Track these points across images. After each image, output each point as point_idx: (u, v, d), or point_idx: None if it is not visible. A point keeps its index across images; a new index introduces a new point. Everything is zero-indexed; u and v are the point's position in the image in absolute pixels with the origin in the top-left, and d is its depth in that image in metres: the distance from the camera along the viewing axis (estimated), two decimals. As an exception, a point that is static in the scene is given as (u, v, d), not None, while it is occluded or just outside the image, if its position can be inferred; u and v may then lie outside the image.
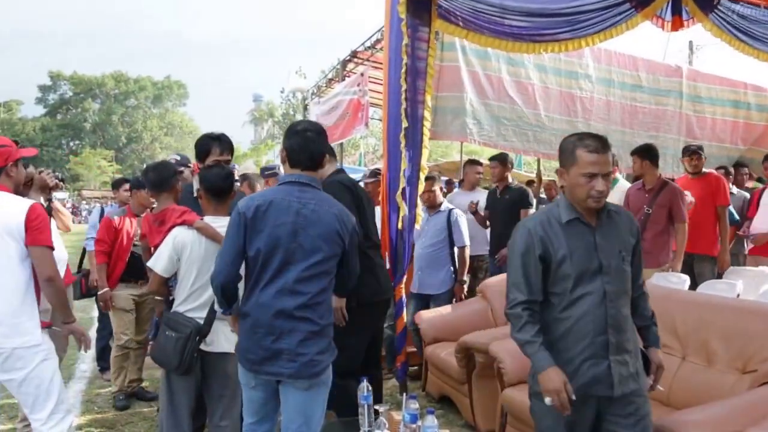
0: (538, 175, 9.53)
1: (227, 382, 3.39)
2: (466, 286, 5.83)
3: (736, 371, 3.20)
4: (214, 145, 3.75)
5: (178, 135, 70.97)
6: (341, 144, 10.93)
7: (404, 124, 4.68)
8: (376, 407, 2.89)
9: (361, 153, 26.38)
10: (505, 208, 6.22)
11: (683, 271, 5.41)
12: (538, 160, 8.91)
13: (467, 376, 4.46)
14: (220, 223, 3.28)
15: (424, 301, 5.66)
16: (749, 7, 5.40)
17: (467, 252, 5.71)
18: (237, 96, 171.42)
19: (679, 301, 3.88)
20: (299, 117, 20.94)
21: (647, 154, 5.53)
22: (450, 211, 5.74)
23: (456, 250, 5.69)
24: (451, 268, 5.68)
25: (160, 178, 3.80)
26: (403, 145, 4.72)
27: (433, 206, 5.75)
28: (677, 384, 3.41)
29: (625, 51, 7.67)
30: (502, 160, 6.46)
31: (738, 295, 4.46)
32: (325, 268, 2.76)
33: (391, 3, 4.72)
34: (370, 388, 2.90)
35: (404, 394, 3.70)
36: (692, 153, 6.10)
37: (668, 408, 3.30)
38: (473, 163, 6.96)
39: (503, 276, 3.25)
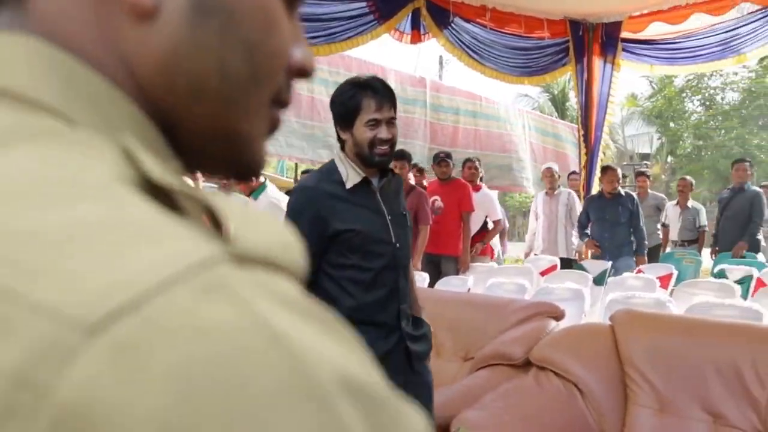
0: (296, 180, 9.75)
1: None
2: None
3: (459, 359, 3.57)
4: None
5: None
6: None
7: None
8: None
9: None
10: None
11: (431, 270, 5.88)
12: (296, 166, 9.11)
13: None
14: None
15: None
16: (478, 27, 6.06)
17: None
18: None
19: (435, 299, 4.18)
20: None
21: (401, 159, 5.93)
22: None
23: None
24: None
25: None
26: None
27: None
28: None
29: (376, 61, 8.11)
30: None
31: (469, 290, 4.96)
32: None
33: None
34: None
35: None
36: (441, 160, 6.63)
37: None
38: None
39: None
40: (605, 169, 6.30)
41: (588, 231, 6.23)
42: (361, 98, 2.01)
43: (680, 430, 2.39)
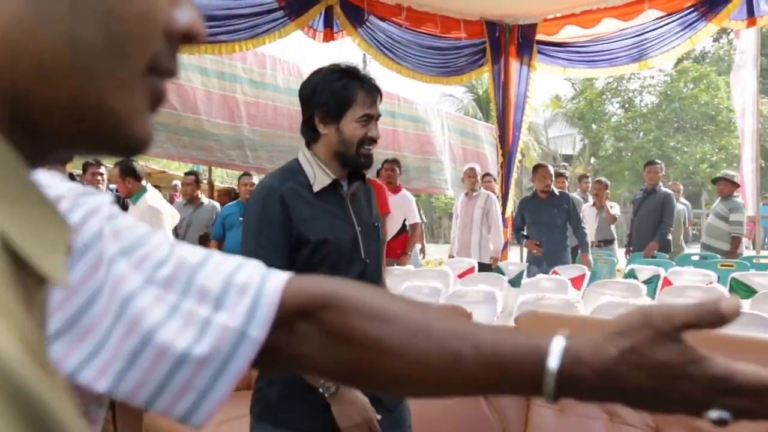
0: (210, 181, 9.49)
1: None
2: None
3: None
4: None
5: None
6: None
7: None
8: None
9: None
10: None
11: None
12: (210, 168, 8.83)
13: None
14: None
15: None
16: (393, 26, 6.02)
17: None
18: None
19: None
20: None
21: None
22: None
23: None
24: None
25: None
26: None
27: None
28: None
29: (291, 59, 7.97)
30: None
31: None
32: None
33: None
34: None
35: None
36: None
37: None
38: None
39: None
40: (536, 168, 6.33)
41: (525, 233, 6.24)
42: (355, 90, 1.74)
43: (579, 429, 2.42)
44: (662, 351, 0.55)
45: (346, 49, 5.81)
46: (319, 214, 1.74)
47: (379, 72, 6.42)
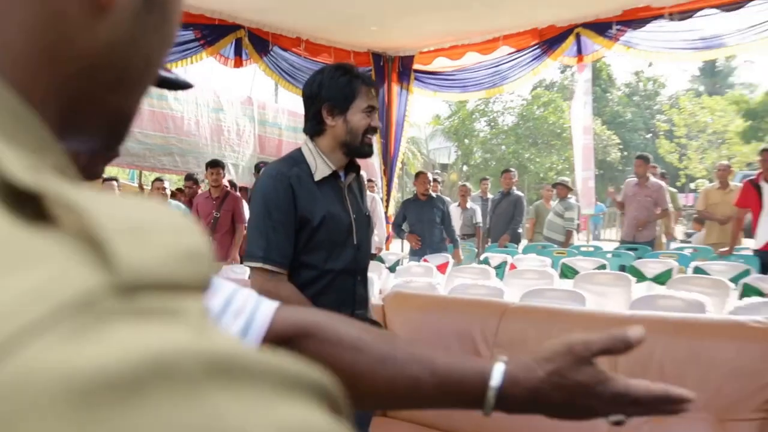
0: (140, 184, 9.36)
1: None
2: None
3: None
4: None
5: None
6: None
7: None
8: None
9: None
10: None
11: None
12: (140, 172, 8.76)
13: None
14: None
15: None
16: (294, 55, 6.19)
17: None
18: None
19: None
20: None
21: (216, 166, 5.98)
22: None
23: None
24: None
25: None
26: None
27: None
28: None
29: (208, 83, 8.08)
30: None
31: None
32: None
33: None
34: None
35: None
36: (261, 169, 6.71)
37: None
38: None
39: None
40: (418, 174, 6.43)
41: (404, 228, 6.38)
42: (358, 84, 1.69)
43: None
44: (579, 374, 0.60)
45: (260, 74, 5.95)
46: (320, 200, 1.68)
47: (290, 94, 6.57)
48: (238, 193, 6.07)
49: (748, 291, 3.84)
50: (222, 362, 0.18)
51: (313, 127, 1.71)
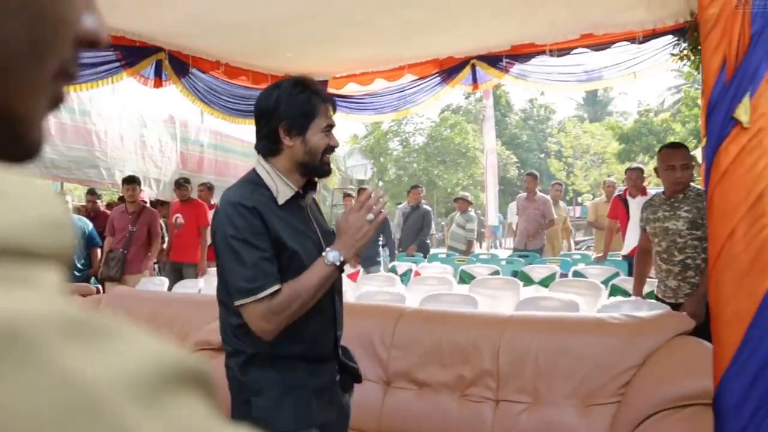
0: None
1: None
2: None
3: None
4: None
5: None
6: None
7: None
8: None
9: None
10: None
11: (174, 275, 5.79)
12: (62, 184, 8.28)
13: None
14: None
15: None
16: (212, 77, 6.05)
17: None
18: None
19: (158, 300, 3.94)
20: None
21: (132, 182, 5.77)
22: None
23: None
24: None
25: None
26: None
27: None
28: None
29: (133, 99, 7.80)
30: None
31: (200, 290, 4.87)
32: None
33: None
34: None
35: None
36: (180, 185, 6.48)
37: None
38: None
39: None
40: (346, 196, 6.47)
41: None
42: (317, 102, 1.48)
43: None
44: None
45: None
46: (288, 224, 1.46)
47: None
48: (154, 209, 6.00)
49: (615, 291, 4.08)
50: (71, 325, 0.17)
51: (268, 146, 1.49)
